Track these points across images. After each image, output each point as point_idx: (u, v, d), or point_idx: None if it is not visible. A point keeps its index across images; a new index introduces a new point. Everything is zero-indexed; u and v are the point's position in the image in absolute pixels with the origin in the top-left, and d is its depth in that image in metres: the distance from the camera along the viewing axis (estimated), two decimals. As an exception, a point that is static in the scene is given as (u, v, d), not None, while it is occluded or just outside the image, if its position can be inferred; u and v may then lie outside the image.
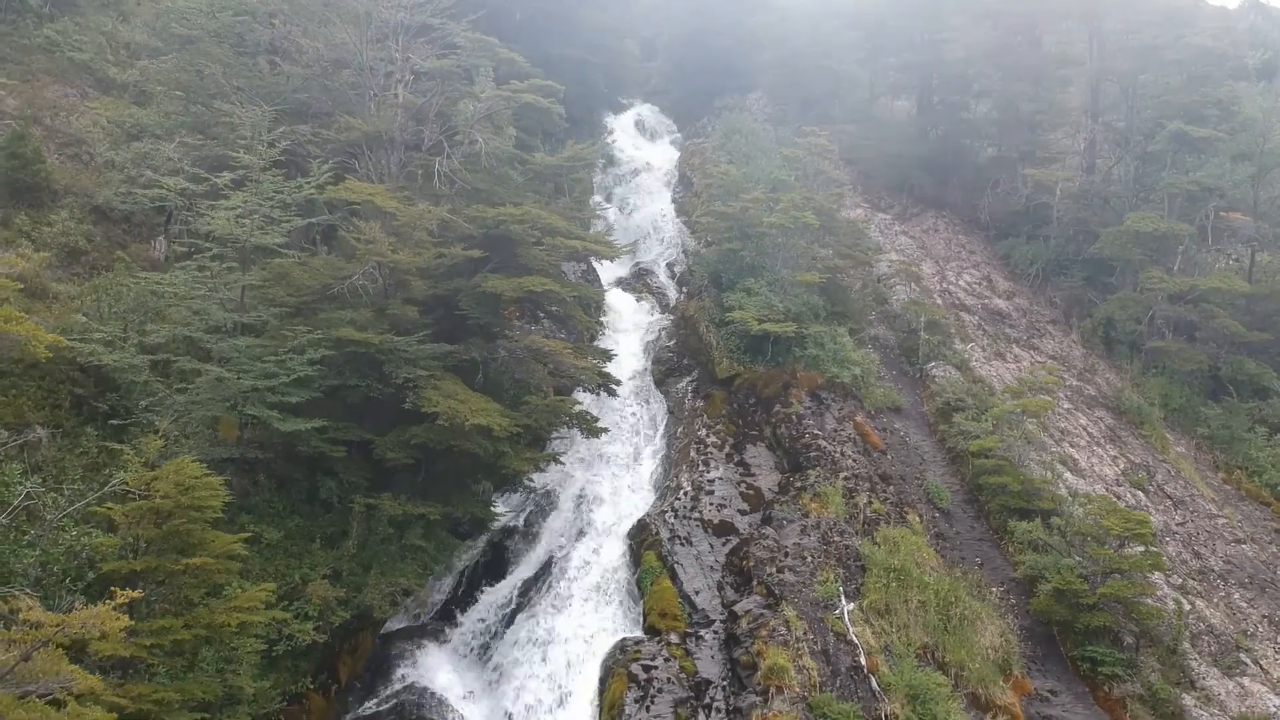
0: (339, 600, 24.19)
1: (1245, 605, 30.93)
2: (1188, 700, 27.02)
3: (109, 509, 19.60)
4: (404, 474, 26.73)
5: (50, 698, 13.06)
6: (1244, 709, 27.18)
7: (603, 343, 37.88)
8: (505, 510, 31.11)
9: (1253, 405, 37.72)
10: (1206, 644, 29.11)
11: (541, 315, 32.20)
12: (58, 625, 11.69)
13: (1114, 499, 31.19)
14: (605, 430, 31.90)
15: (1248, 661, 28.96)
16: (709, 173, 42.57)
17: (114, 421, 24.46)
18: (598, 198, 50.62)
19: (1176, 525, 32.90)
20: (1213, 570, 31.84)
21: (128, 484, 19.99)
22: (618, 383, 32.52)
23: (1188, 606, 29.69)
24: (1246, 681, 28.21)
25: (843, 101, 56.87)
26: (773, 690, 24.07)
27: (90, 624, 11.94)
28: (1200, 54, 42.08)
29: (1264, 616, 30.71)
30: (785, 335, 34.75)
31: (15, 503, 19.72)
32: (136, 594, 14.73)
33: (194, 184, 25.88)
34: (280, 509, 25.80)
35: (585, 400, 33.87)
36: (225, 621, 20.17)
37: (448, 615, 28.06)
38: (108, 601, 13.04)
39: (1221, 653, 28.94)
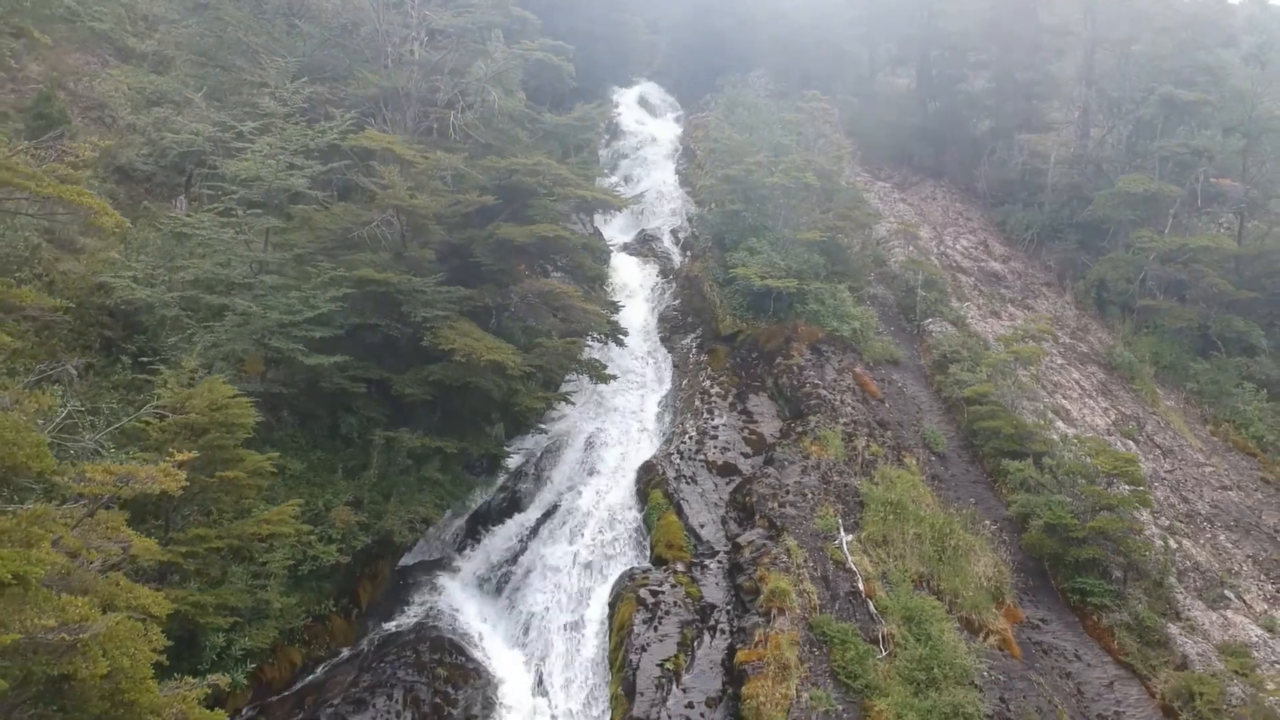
0: (360, 525, 25.31)
1: (1230, 546, 32.05)
2: (1173, 629, 28.14)
3: (146, 422, 20.69)
4: (421, 412, 27.82)
5: (105, 566, 14.11)
6: (1227, 638, 28.31)
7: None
8: (517, 457, 32.21)
9: (1240, 362, 38.83)
10: (1192, 580, 30.23)
11: (552, 270, 33.29)
12: (123, 478, 12.77)
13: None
14: (614, 377, 33.06)
15: (1231, 597, 30.08)
16: (711, 138, 43.67)
17: (143, 359, 25.58)
18: (603, 169, 51.66)
19: (1165, 472, 34.01)
20: (1199, 514, 32.95)
21: (164, 403, 21.08)
22: (625, 333, 33.68)
23: (1174, 545, 30.80)
24: (1230, 614, 29.34)
25: (843, 77, 57.90)
26: (775, 612, 25.22)
27: (152, 479, 13.03)
28: (1189, 20, 43.18)
29: (1248, 556, 31.83)
30: (787, 291, 35.89)
31: (59, 419, 20.79)
32: (193, 454, 15.78)
33: (222, 131, 26.95)
34: (303, 443, 26.93)
35: (594, 350, 35.09)
36: (255, 532, 21.33)
37: (463, 551, 29.13)
38: (165, 461, 14.15)
39: (1206, 588, 30.06)
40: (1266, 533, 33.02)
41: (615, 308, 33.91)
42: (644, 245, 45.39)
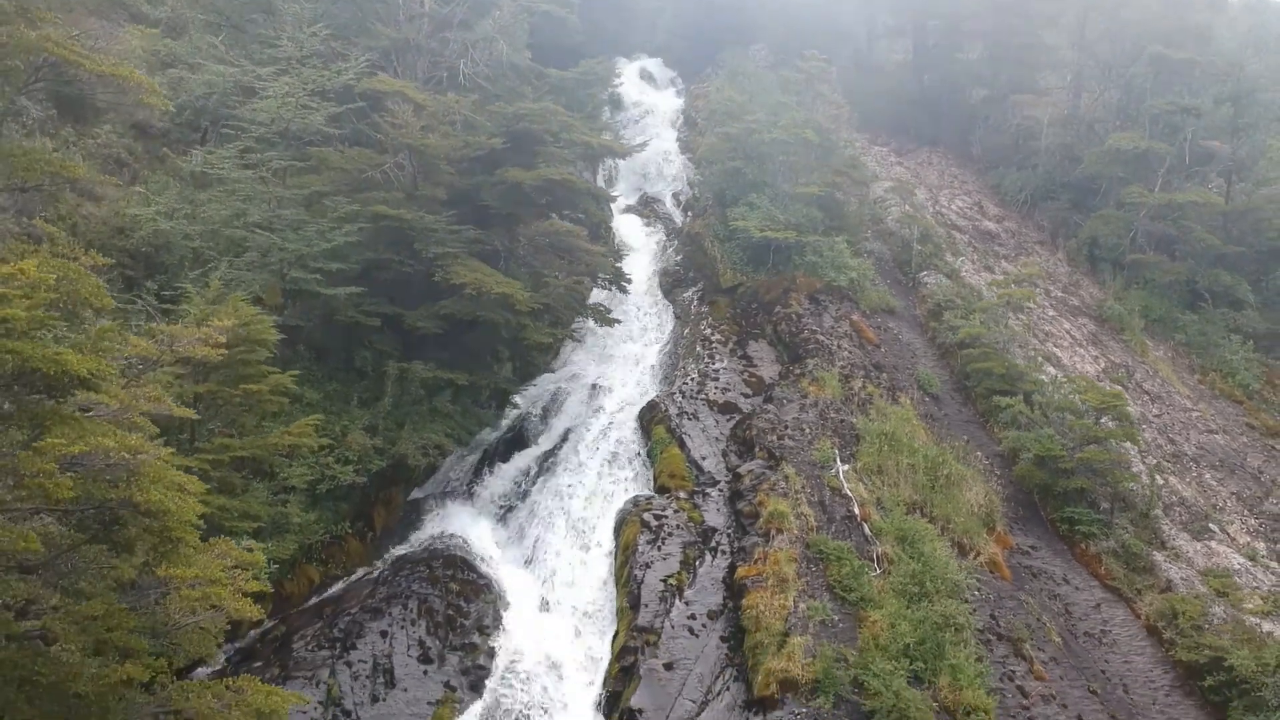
0: (375, 449, 26.36)
1: (1215, 484, 33.07)
2: (1158, 556, 29.17)
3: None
4: (433, 346, 28.81)
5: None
6: (1210, 565, 29.33)
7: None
8: (524, 400, 33.18)
9: (1228, 315, 39.86)
10: (1178, 514, 31.24)
11: (558, 220, 34.22)
12: (168, 339, 13.78)
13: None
14: (618, 321, 34.15)
15: (1215, 529, 31.10)
16: (712, 102, 44.69)
17: (164, 295, 26.59)
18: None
19: (1154, 416, 35.03)
20: (1186, 454, 33.97)
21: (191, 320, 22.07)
22: (628, 279, 34.69)
23: (1161, 482, 31.81)
24: (1214, 544, 30.36)
25: (841, 49, 58.76)
26: (773, 532, 26.26)
27: (195, 341, 14.04)
28: (1178, -17, 44.24)
29: (1232, 493, 32.85)
30: (786, 243, 36.91)
31: (91, 331, 21.82)
32: (232, 322, 16.73)
33: (241, 74, 27.94)
34: (319, 375, 27.96)
35: (599, 298, 36.18)
36: (277, 444, 22.31)
37: (473, 484, 30.12)
38: (206, 326, 15.15)
39: (1191, 521, 31.07)
40: (1250, 473, 34.03)
41: (619, 255, 34.87)
42: (646, 207, 46.41)
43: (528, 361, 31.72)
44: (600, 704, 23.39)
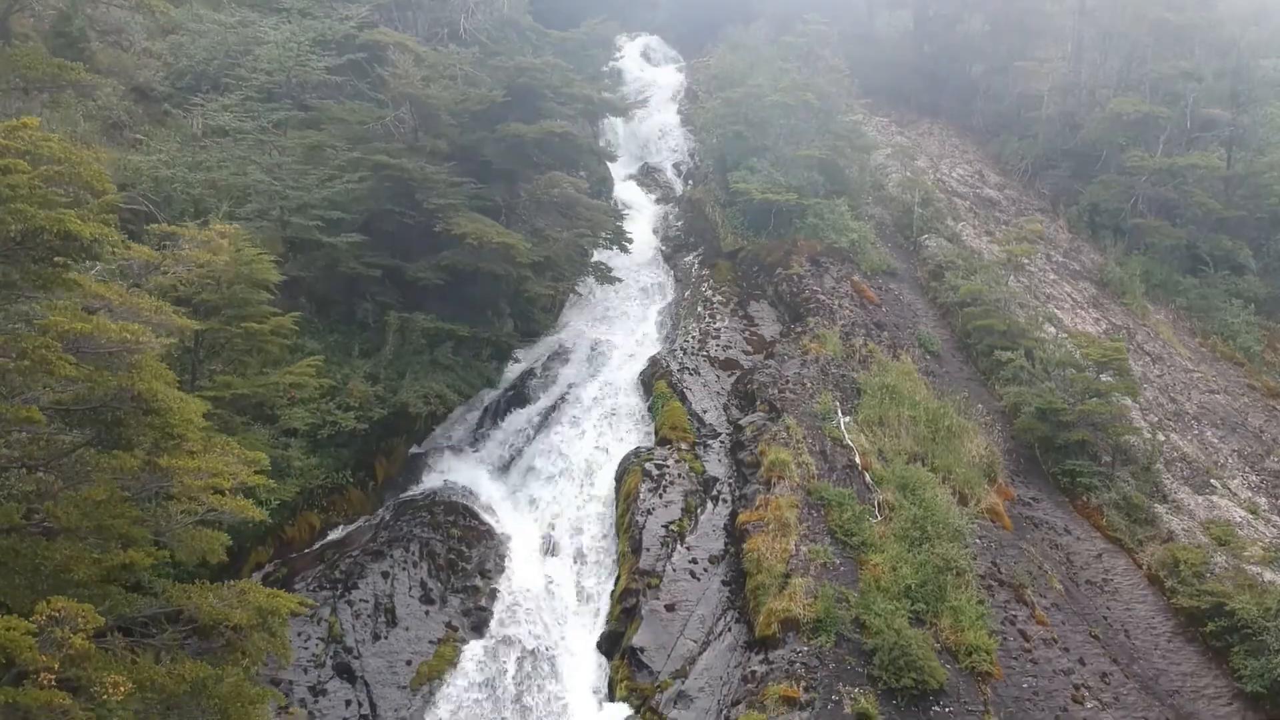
0: (376, 398, 26.34)
1: (1217, 441, 33.08)
2: (1159, 509, 29.17)
3: (174, 271, 21.70)
4: (434, 300, 28.80)
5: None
6: (1211, 517, 29.32)
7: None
8: (524, 361, 33.15)
9: (1229, 279, 39.85)
10: (1179, 469, 31.25)
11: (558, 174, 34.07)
12: (169, 236, 13.78)
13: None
14: (619, 279, 34.12)
15: (1217, 485, 31.10)
16: (712, 66, 44.71)
17: (166, 244, 26.60)
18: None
19: (1155, 376, 35.02)
20: (1187, 413, 33.98)
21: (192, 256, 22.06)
22: (629, 239, 34.66)
23: (1162, 438, 31.79)
24: (1215, 499, 30.36)
25: (842, 21, 58.55)
26: (775, 480, 26.26)
27: (198, 244, 14.04)
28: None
29: (1234, 451, 32.86)
30: (787, 206, 36.93)
31: (93, 271, 21.83)
32: (233, 227, 16.70)
33: (242, 26, 27.94)
34: (320, 327, 27.95)
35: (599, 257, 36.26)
36: (279, 381, 22.30)
37: (475, 439, 30.06)
38: (208, 230, 15.14)
39: (1193, 476, 31.08)
40: (1252, 431, 34.05)
41: (619, 215, 34.84)
42: (647, 177, 46.38)
43: (529, 319, 31.68)
44: (601, 644, 23.42)
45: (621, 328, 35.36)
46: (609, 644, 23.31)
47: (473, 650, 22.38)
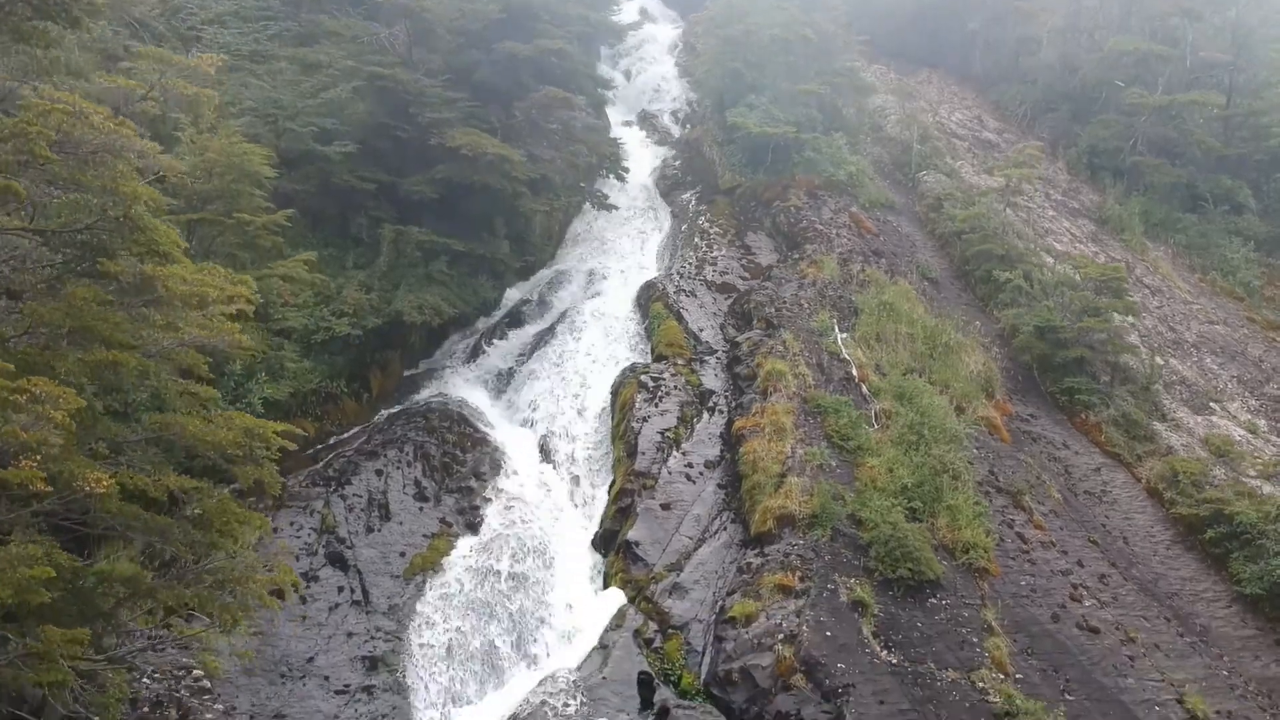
0: (371, 306, 26.17)
1: (1216, 368, 32.91)
2: (1159, 426, 29.01)
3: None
4: (430, 216, 28.64)
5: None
6: (1211, 434, 29.16)
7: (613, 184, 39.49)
8: (520, 291, 32.98)
9: (1228, 219, 39.65)
10: (1179, 391, 31.08)
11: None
12: (160, 61, 13.62)
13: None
14: (615, 207, 33.94)
15: (1216, 407, 30.92)
16: (711, 9, 44.61)
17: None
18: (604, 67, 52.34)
19: (1154, 307, 34.84)
20: (1186, 341, 33.80)
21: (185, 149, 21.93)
22: (627, 169, 34.49)
23: (1161, 362, 31.62)
24: (1215, 419, 30.19)
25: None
26: (771, 390, 26.13)
27: (190, 68, 13.88)
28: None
29: (1233, 377, 32.70)
30: (785, 140, 36.78)
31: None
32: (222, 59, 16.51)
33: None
34: (315, 242, 27.77)
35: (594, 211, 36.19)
36: (270, 274, 22.12)
37: (471, 359, 29.87)
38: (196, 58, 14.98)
39: (1192, 398, 30.91)
40: (1251, 360, 33.86)
41: (616, 143, 34.67)
42: (645, 122, 46.24)
43: (525, 245, 31.44)
44: (596, 542, 23.29)
45: (619, 259, 35.21)
46: (604, 543, 23.19)
47: (467, 544, 22.25)
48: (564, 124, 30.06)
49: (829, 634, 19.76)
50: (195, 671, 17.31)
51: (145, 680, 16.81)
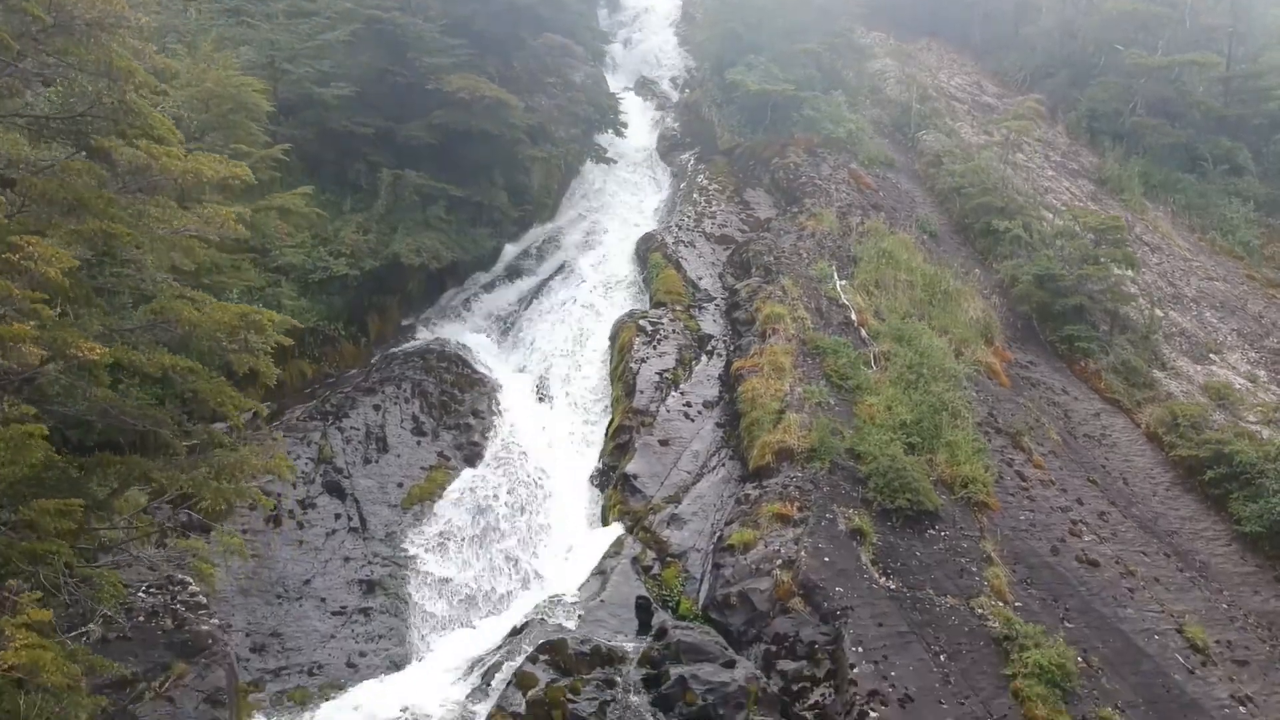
0: (369, 249, 26.10)
1: (1216, 322, 32.85)
2: (1158, 374, 28.97)
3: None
4: (427, 162, 28.53)
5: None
6: (1211, 382, 29.11)
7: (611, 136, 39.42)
8: (520, 246, 32.90)
9: (1228, 180, 39.59)
10: (1178, 343, 31.02)
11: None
12: None
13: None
14: (614, 160, 33.88)
15: (1215, 358, 30.86)
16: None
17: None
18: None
19: (1154, 263, 34.77)
20: (1186, 296, 33.74)
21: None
22: (625, 124, 34.41)
23: (1160, 314, 31.56)
24: (1215, 369, 30.14)
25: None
26: (770, 332, 26.07)
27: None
28: None
29: (1233, 330, 32.64)
30: (784, 99, 36.73)
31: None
32: None
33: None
34: (312, 188, 27.64)
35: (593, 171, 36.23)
36: (267, 205, 22.02)
37: (469, 308, 29.78)
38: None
39: (1192, 349, 30.86)
40: (1251, 315, 33.79)
41: (615, 97, 34.61)
42: (644, 88, 46.09)
43: (523, 197, 31.28)
44: (594, 478, 23.23)
45: (618, 218, 35.11)
46: (602, 478, 23.13)
47: (465, 477, 22.19)
48: (562, 76, 29.96)
49: (827, 560, 19.71)
50: (191, 588, 17.21)
51: (140, 594, 16.73)
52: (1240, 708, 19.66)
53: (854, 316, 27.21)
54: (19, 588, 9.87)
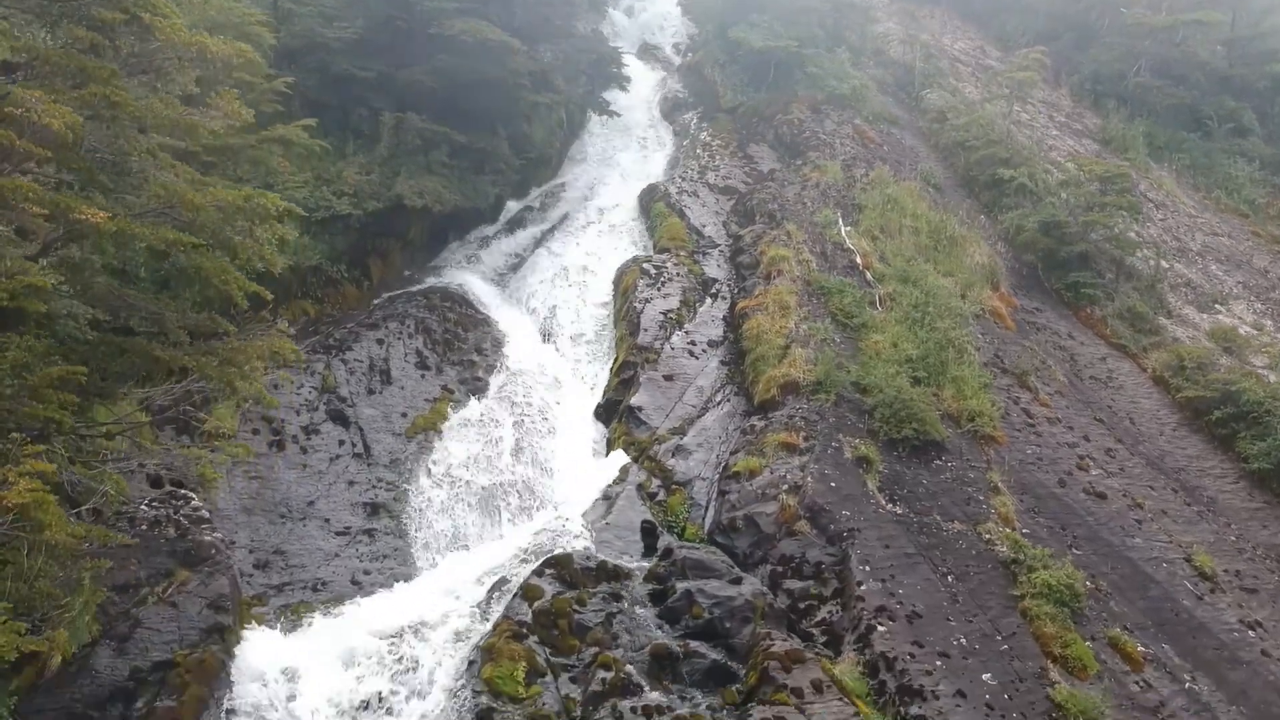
0: (371, 190, 25.94)
1: (1222, 274, 32.72)
2: (1164, 321, 28.86)
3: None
4: (429, 108, 28.32)
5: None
6: (1215, 329, 29.00)
7: (614, 97, 39.25)
8: (524, 202, 32.75)
9: (1232, 141, 39.46)
10: (1184, 293, 30.91)
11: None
12: None
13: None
14: (617, 114, 33.75)
15: (1221, 308, 30.74)
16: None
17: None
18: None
19: (1159, 219, 34.63)
20: (1191, 250, 33.60)
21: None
22: (628, 79, 34.28)
23: (1165, 265, 31.44)
24: (1220, 317, 30.01)
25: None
26: (774, 274, 25.96)
27: None
28: None
29: (1239, 282, 32.51)
30: (787, 56, 36.65)
31: None
32: None
33: None
34: (315, 133, 27.44)
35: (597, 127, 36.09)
36: (268, 136, 21.80)
37: (472, 258, 29.61)
38: None
39: (1198, 299, 30.74)
40: (1257, 269, 33.66)
41: (617, 51, 34.49)
42: (647, 54, 45.98)
43: (527, 142, 31.07)
44: (599, 412, 23.11)
45: (620, 171, 35.01)
46: (607, 412, 23.00)
47: (470, 408, 22.08)
48: (564, 28, 29.82)
49: (833, 485, 19.60)
50: (194, 502, 17.11)
51: (143, 507, 16.62)
52: (1250, 632, 19.55)
53: (859, 260, 27.09)
54: (20, 439, 9.73)
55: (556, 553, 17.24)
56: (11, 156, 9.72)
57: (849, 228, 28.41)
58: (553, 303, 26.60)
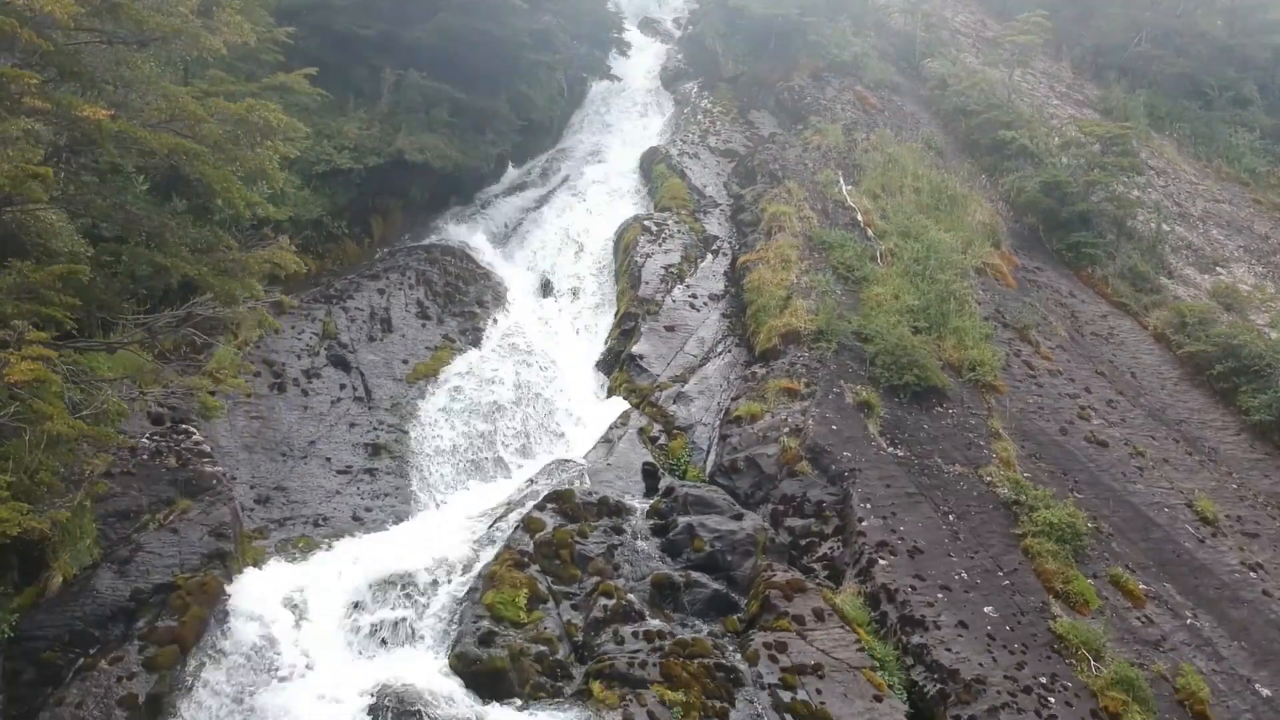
0: (371, 146, 25.86)
1: (1223, 239, 32.69)
2: (1165, 280, 28.84)
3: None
4: (430, 68, 28.21)
5: None
6: (1216, 286, 28.99)
7: (615, 64, 39.22)
8: (524, 168, 32.72)
9: (1233, 111, 39.42)
10: (1185, 255, 30.88)
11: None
12: None
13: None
14: (618, 78, 33.74)
15: (1222, 270, 30.72)
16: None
17: None
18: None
19: (1160, 186, 34.56)
20: (1193, 215, 33.57)
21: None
22: (629, 45, 34.24)
23: (1167, 229, 31.41)
24: (1222, 279, 29.98)
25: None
26: (775, 230, 25.92)
27: None
28: None
29: (1240, 246, 32.49)
30: (788, 23, 36.63)
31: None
32: None
33: None
34: (315, 83, 27.40)
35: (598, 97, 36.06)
36: (269, 83, 21.75)
37: (474, 217, 29.52)
38: None
39: (1199, 261, 30.72)
40: (1258, 235, 33.64)
41: (618, 16, 34.43)
42: (647, 27, 45.90)
43: (529, 104, 30.94)
44: (600, 363, 23.10)
45: (621, 136, 34.93)
46: (608, 363, 23.01)
47: (471, 356, 22.06)
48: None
49: (834, 428, 19.60)
50: (195, 436, 17.11)
51: (144, 440, 16.62)
52: (1251, 573, 19.57)
53: (860, 218, 27.05)
54: (23, 327, 9.69)
55: (559, 489, 17.24)
56: (14, 47, 9.72)
57: (850, 187, 28.37)
58: (554, 259, 26.59)
